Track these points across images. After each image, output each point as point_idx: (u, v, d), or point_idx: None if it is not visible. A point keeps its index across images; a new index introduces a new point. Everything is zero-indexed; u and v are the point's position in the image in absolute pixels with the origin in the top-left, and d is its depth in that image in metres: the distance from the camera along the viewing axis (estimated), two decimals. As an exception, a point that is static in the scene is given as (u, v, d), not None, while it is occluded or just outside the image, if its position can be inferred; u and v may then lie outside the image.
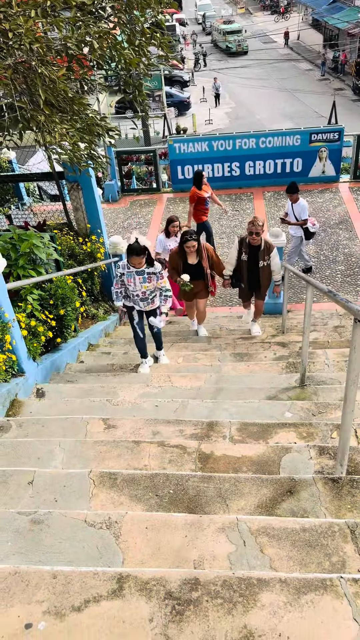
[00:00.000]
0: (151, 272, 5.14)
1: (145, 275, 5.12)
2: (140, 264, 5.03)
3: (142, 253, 4.93)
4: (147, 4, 5.54)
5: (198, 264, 6.32)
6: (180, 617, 1.94)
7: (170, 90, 28.94)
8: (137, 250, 4.89)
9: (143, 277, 5.12)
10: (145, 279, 5.13)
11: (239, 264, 6.43)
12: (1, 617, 1.99)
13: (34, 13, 4.58)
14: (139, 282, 5.13)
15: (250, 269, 6.38)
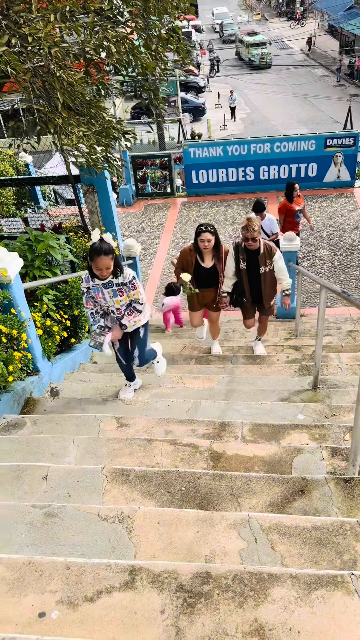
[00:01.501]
0: (121, 284, 3.98)
1: (114, 287, 4.00)
2: (108, 269, 3.79)
3: (109, 252, 3.73)
4: (164, 10, 5.61)
5: (213, 268, 5.36)
6: (192, 609, 1.96)
7: (186, 96, 29.09)
8: (103, 250, 3.69)
9: (113, 291, 4.01)
10: (115, 292, 4.02)
11: (238, 275, 5.46)
12: (15, 606, 2.02)
13: (53, 18, 4.66)
14: (108, 296, 4.04)
15: (252, 278, 5.45)
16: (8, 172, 11.86)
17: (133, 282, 4.01)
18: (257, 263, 5.33)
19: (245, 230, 5.13)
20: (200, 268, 5.34)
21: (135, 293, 4.07)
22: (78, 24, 4.93)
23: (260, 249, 5.29)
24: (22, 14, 4.69)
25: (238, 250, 5.35)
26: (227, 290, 5.54)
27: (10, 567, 2.17)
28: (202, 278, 5.40)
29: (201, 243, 5.09)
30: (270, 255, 5.32)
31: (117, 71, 5.87)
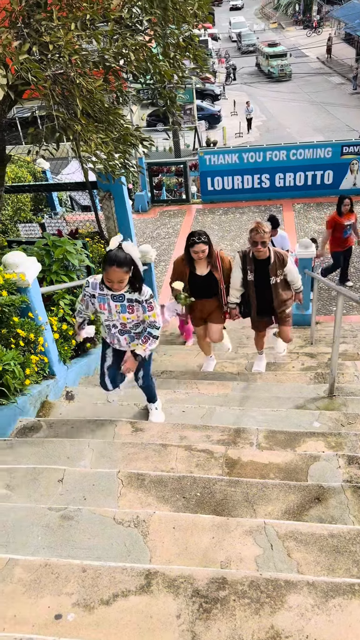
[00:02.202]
0: (134, 300, 3.45)
1: (124, 302, 3.45)
2: (120, 282, 3.27)
3: (124, 265, 3.18)
4: (183, 18, 5.66)
5: (209, 275, 4.91)
6: (208, 614, 1.95)
7: (202, 104, 29.21)
8: (117, 260, 3.16)
9: (122, 305, 3.46)
10: (124, 307, 3.46)
11: (245, 286, 4.96)
12: (32, 607, 2.03)
13: (73, 26, 4.73)
14: (115, 310, 3.49)
15: (260, 291, 4.92)
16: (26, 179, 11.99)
17: (150, 302, 3.47)
18: (266, 274, 4.84)
19: (255, 232, 4.61)
20: (195, 277, 4.93)
21: (151, 315, 3.52)
22: (98, 32, 4.99)
23: (270, 258, 4.78)
24: (43, 22, 4.76)
25: (245, 260, 4.83)
26: (235, 301, 5.08)
27: (27, 568, 2.18)
28: (199, 287, 4.98)
29: (195, 254, 4.71)
30: (282, 264, 4.85)
31: (136, 79, 5.93)
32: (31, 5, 4.96)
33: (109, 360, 3.88)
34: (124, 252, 3.20)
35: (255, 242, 4.63)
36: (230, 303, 5.09)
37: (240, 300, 5.08)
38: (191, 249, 4.69)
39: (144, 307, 3.50)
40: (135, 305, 3.48)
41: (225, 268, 4.97)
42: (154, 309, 3.53)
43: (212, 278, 4.92)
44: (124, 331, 3.65)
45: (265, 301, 4.98)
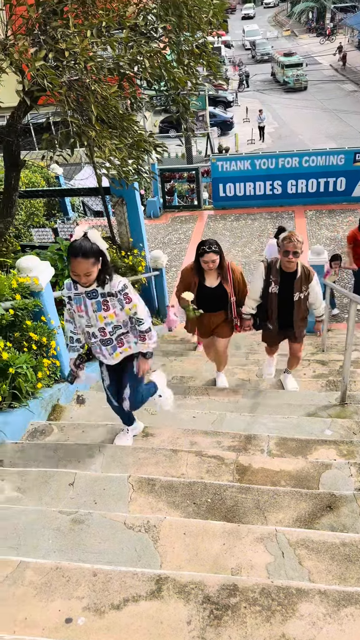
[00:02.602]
0: (107, 294, 3.09)
1: (99, 298, 3.10)
2: (88, 275, 2.92)
3: (90, 255, 2.87)
4: (198, 26, 5.69)
5: (219, 287, 4.62)
6: (218, 621, 1.94)
7: (214, 111, 29.31)
8: (83, 250, 2.85)
9: (97, 303, 3.11)
10: (99, 304, 3.11)
11: (265, 298, 4.67)
12: (43, 610, 2.04)
13: (89, 33, 4.78)
14: (91, 309, 3.13)
15: (283, 305, 4.62)
16: (39, 184, 12.08)
17: (126, 293, 3.09)
18: (291, 288, 4.51)
19: (288, 241, 4.28)
20: (204, 288, 4.62)
21: (132, 307, 3.15)
22: (113, 39, 5.04)
23: (297, 272, 4.47)
24: (60, 29, 4.82)
25: (270, 271, 4.55)
26: (251, 312, 4.79)
27: (38, 571, 2.18)
28: (208, 299, 4.67)
29: (205, 264, 4.42)
30: (308, 279, 4.51)
31: (150, 85, 5.97)
32: (48, 13, 5.02)
33: (107, 379, 3.57)
34: (90, 241, 2.88)
35: (288, 251, 4.29)
36: (245, 314, 4.79)
37: (255, 312, 4.81)
38: (201, 259, 4.41)
39: (120, 300, 3.11)
40: (110, 301, 3.11)
41: (236, 280, 4.67)
42: (132, 299, 3.13)
43: (221, 290, 4.63)
44: (105, 341, 3.26)
45: (285, 316, 4.69)
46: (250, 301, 4.73)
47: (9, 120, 5.81)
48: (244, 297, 4.77)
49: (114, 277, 3.10)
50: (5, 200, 6.19)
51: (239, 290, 4.73)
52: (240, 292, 4.74)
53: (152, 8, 5.58)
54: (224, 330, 4.92)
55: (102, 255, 2.97)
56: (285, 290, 4.54)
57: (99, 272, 2.99)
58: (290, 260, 4.33)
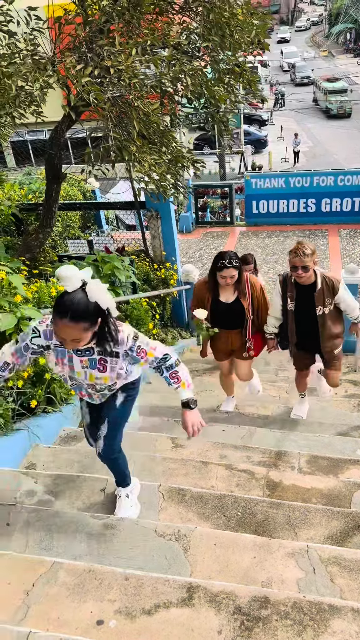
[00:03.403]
0: (110, 353, 2.37)
1: (94, 357, 2.38)
2: (75, 341, 2.17)
3: (83, 319, 2.10)
4: (239, 46, 5.80)
5: (236, 303, 4.14)
6: (249, 632, 1.94)
7: (249, 129, 29.53)
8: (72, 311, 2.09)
9: (91, 361, 2.40)
10: (94, 362, 2.40)
11: (284, 316, 4.19)
12: (75, 611, 2.07)
13: (134, 51, 4.92)
14: (80, 367, 2.44)
15: (303, 322, 4.11)
16: (76, 197, 12.34)
17: (139, 346, 2.39)
18: (311, 302, 3.98)
19: (293, 255, 3.78)
20: (219, 304, 4.16)
21: (147, 358, 2.43)
22: (157, 57, 5.16)
23: (316, 284, 3.93)
24: (106, 47, 4.97)
25: (286, 285, 4.06)
26: (274, 331, 4.32)
27: (71, 572, 2.22)
28: (223, 316, 4.20)
29: (222, 279, 3.96)
30: (333, 291, 3.96)
31: (190, 102, 6.08)
32: (95, 32, 5.19)
33: (87, 417, 2.86)
34: (86, 298, 2.09)
35: (295, 266, 3.81)
36: (268, 333, 4.35)
37: (278, 331, 4.34)
38: (219, 273, 3.93)
39: (134, 358, 2.42)
40: (111, 361, 2.40)
41: (255, 296, 4.19)
42: (147, 351, 2.42)
43: (238, 306, 4.15)
44: (96, 391, 2.59)
45: (308, 335, 4.16)
46: (271, 319, 4.28)
47: (52, 134, 5.98)
48: (265, 314, 4.29)
49: (121, 331, 2.33)
50: (46, 211, 6.36)
51: (259, 307, 4.25)
52: (260, 309, 4.27)
53: (196, 28, 5.72)
54: (242, 352, 4.41)
55: (103, 315, 2.19)
56: (304, 305, 4.02)
57: (97, 334, 2.24)
58: (299, 275, 3.83)
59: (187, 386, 2.53)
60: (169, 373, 2.50)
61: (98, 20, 5.14)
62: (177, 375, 2.50)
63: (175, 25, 5.83)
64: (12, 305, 3.63)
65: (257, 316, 4.27)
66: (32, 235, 6.42)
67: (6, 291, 3.77)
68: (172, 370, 2.50)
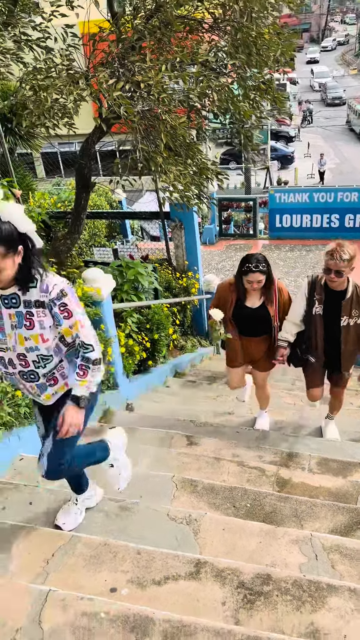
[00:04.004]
0: (35, 303, 2.12)
1: (20, 308, 2.12)
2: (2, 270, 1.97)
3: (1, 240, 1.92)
4: (265, 63, 6.01)
5: (261, 308, 3.89)
6: (251, 605, 2.08)
7: (276, 145, 29.76)
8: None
9: (18, 316, 2.13)
10: (20, 317, 2.13)
11: (308, 322, 3.83)
12: (90, 579, 2.23)
13: (164, 68, 5.16)
14: (10, 326, 2.14)
15: (329, 329, 3.78)
16: (103, 207, 12.68)
17: (64, 303, 2.13)
18: (337, 310, 3.68)
19: (329, 257, 3.46)
20: (244, 309, 3.91)
21: (72, 325, 2.15)
22: (185, 73, 5.40)
23: (347, 292, 3.64)
24: (137, 63, 5.24)
25: (314, 287, 3.76)
26: (288, 339, 3.92)
27: (88, 545, 2.39)
28: (247, 322, 3.96)
29: (248, 284, 3.73)
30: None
31: (216, 117, 6.30)
32: (127, 49, 5.46)
33: (40, 426, 2.49)
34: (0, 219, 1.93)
35: (329, 269, 3.50)
36: (281, 339, 3.93)
37: (294, 339, 3.94)
38: (244, 278, 3.71)
39: (56, 315, 2.13)
40: (38, 313, 2.11)
41: (282, 302, 3.95)
42: (73, 314, 2.14)
43: (264, 312, 3.90)
44: (27, 375, 2.23)
45: (332, 343, 3.82)
46: (289, 325, 3.91)
47: (83, 145, 6.26)
48: None
49: (48, 276, 2.13)
50: (75, 218, 6.63)
51: (284, 314, 3.98)
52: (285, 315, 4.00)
53: (224, 46, 5.95)
54: (264, 361, 4.18)
55: (24, 242, 2.01)
56: (331, 312, 3.72)
57: (20, 267, 2.03)
58: (332, 279, 3.55)
59: (86, 387, 2.23)
60: (81, 363, 2.20)
61: (130, 37, 5.42)
62: (87, 371, 2.21)
63: (204, 43, 6.07)
64: (40, 303, 3.85)
65: (281, 323, 3.99)
66: (61, 240, 6.69)
67: (35, 289, 3.99)
68: (85, 363, 2.20)
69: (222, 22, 5.85)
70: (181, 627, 1.87)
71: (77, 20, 5.98)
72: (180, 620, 1.89)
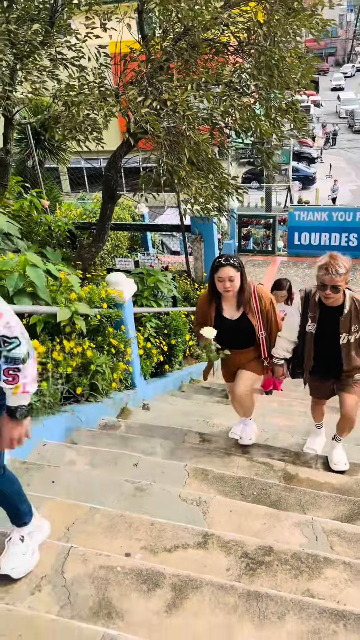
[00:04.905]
0: None
1: None
2: None
3: None
4: (286, 85, 6.30)
5: (242, 319, 3.57)
6: (253, 572, 2.27)
7: (297, 165, 30.08)
8: None
9: None
10: None
11: (301, 340, 3.54)
12: (107, 545, 2.45)
13: (189, 87, 5.48)
14: None
15: (324, 349, 3.47)
16: (127, 220, 13.07)
17: None
18: (335, 327, 3.37)
19: (324, 271, 3.13)
20: (223, 320, 3.57)
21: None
22: (210, 93, 5.72)
23: (344, 307, 3.32)
24: (164, 82, 5.56)
25: (308, 303, 3.44)
26: (285, 356, 3.62)
27: (105, 516, 2.61)
28: (229, 335, 3.57)
29: (219, 283, 3.37)
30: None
31: (238, 135, 6.59)
32: (155, 68, 5.80)
33: None
34: None
35: (324, 285, 3.18)
36: (277, 358, 3.64)
37: (290, 356, 3.65)
38: (216, 276, 3.37)
39: None
40: None
41: (264, 309, 3.58)
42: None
43: (245, 324, 3.56)
44: None
45: (327, 364, 3.53)
46: (283, 341, 3.60)
47: (111, 158, 6.60)
48: (276, 333, 3.65)
49: None
50: (100, 227, 6.95)
51: (269, 323, 3.63)
52: (270, 324, 3.63)
53: (247, 68, 6.26)
54: (250, 365, 3.77)
55: None
56: (327, 329, 3.42)
57: None
58: (327, 296, 3.22)
59: (21, 391, 1.87)
60: (8, 366, 1.82)
61: (159, 58, 5.77)
62: (17, 375, 1.83)
63: (229, 65, 6.40)
64: (67, 302, 4.13)
65: (269, 333, 3.64)
66: (86, 248, 7.01)
67: (63, 289, 4.28)
68: (12, 364, 1.82)
69: (247, 45, 6.17)
70: (188, 581, 2.07)
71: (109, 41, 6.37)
72: (187, 575, 2.09)
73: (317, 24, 5.87)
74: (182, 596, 2.02)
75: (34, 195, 7.47)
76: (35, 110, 10.26)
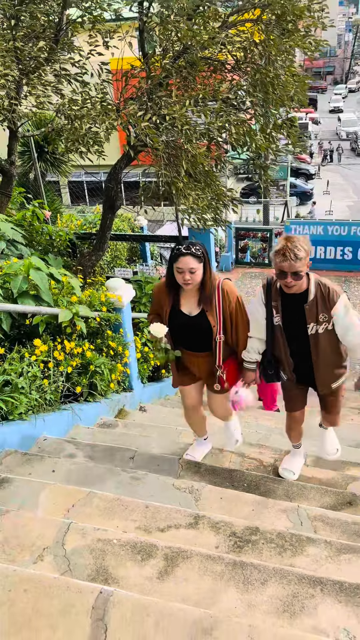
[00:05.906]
0: None
1: None
2: None
3: None
4: (282, 101, 6.56)
5: (201, 317, 3.06)
6: (240, 549, 2.44)
7: (295, 181, 30.50)
8: None
9: None
10: None
11: (270, 334, 3.07)
12: (104, 525, 2.61)
13: (187, 103, 5.73)
14: None
15: (294, 340, 3.03)
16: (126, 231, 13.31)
17: None
18: (300, 317, 2.93)
19: (282, 258, 2.71)
20: (178, 315, 3.10)
21: None
22: (207, 108, 5.97)
23: (308, 293, 2.88)
24: (164, 98, 5.82)
25: (270, 293, 3.00)
26: (256, 359, 3.20)
27: (103, 500, 2.77)
28: (183, 333, 3.14)
29: (179, 274, 2.89)
30: (329, 303, 2.87)
31: (234, 149, 6.83)
32: (155, 85, 6.06)
33: None
34: None
35: (283, 272, 2.75)
36: (247, 361, 3.21)
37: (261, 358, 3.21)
38: (175, 265, 2.88)
39: None
40: None
41: (227, 309, 3.07)
42: None
43: (203, 322, 3.06)
44: None
45: (302, 357, 3.07)
46: (253, 341, 3.15)
47: (112, 170, 6.83)
48: (244, 335, 3.16)
49: None
50: (100, 237, 7.16)
51: (235, 326, 3.13)
52: (236, 328, 3.13)
53: (243, 85, 6.53)
54: (215, 381, 3.29)
55: None
56: (290, 321, 2.98)
57: None
58: (288, 284, 2.80)
59: None
60: None
61: (159, 75, 6.03)
62: None
63: (226, 82, 6.67)
64: (69, 304, 4.32)
65: (231, 337, 3.15)
66: (86, 257, 7.22)
67: (64, 292, 4.47)
68: None
69: (243, 63, 6.44)
70: (179, 552, 2.23)
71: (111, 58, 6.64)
72: (179, 547, 2.25)
73: (310, 44, 6.15)
74: (173, 565, 2.18)
75: (36, 205, 7.70)
76: (38, 124, 10.55)
